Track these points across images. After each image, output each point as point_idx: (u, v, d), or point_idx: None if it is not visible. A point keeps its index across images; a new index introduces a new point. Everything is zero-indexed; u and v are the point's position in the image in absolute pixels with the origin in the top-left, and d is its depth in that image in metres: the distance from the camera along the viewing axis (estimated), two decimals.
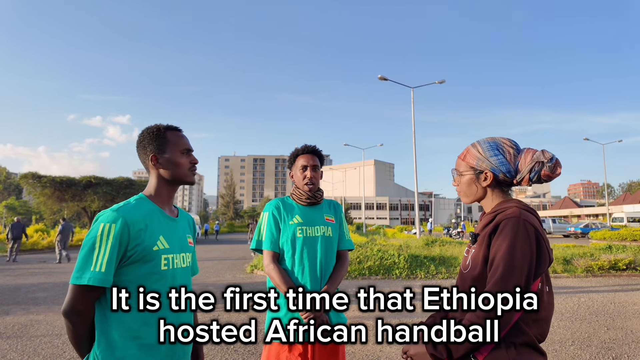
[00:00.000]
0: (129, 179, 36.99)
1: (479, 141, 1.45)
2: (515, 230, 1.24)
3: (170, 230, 1.47)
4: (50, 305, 6.74)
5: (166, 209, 1.51)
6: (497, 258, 1.24)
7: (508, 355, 1.21)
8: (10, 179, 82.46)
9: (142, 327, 1.34)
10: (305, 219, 2.11)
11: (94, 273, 1.27)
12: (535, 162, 1.33)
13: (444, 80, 22.26)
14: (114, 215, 1.32)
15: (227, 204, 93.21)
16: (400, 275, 9.85)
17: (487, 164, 1.39)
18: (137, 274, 1.35)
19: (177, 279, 1.45)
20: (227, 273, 10.92)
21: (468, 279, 1.33)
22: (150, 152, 1.48)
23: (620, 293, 7.71)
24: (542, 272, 1.26)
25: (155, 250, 1.37)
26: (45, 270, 11.67)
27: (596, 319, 5.67)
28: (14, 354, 4.32)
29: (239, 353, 4.31)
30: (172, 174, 1.48)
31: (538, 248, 1.24)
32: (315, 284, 2.04)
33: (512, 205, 1.33)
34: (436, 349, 1.26)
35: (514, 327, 1.23)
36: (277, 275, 2.01)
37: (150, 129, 1.51)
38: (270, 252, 2.07)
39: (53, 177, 32.84)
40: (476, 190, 1.43)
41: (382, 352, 4.30)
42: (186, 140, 1.53)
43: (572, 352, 4.32)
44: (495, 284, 1.21)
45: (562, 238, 30.33)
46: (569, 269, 10.22)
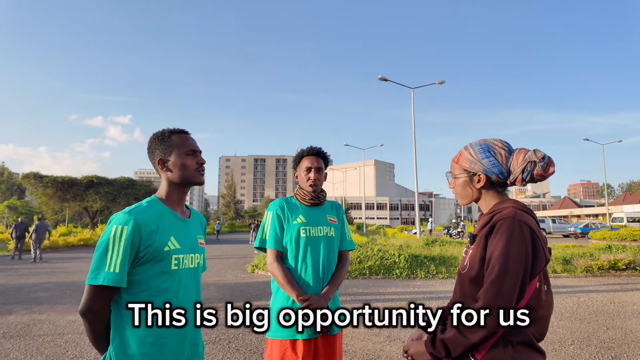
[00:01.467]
0: (130, 179, 37.04)
1: (471, 144, 1.47)
2: (511, 230, 1.25)
3: (182, 231, 1.50)
4: (53, 305, 6.76)
5: (177, 210, 1.54)
6: (493, 258, 1.25)
7: (506, 354, 1.22)
8: (12, 179, 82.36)
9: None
10: (309, 219, 2.15)
11: (108, 274, 1.31)
12: (527, 162, 1.34)
13: (444, 80, 22.28)
14: (126, 218, 1.36)
15: (227, 204, 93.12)
16: (400, 275, 9.86)
17: (479, 166, 1.41)
18: (148, 274, 1.39)
19: (185, 279, 1.48)
20: (229, 273, 10.94)
21: (466, 279, 1.35)
22: (157, 157, 1.52)
23: (620, 293, 7.72)
24: (539, 272, 1.27)
25: (166, 251, 1.41)
26: (47, 270, 11.69)
27: (596, 319, 5.69)
28: (17, 353, 4.34)
29: (241, 352, 4.33)
30: (179, 176, 1.51)
31: (534, 248, 1.25)
32: (318, 284, 2.08)
33: (508, 205, 1.34)
34: (435, 347, 1.28)
35: (513, 326, 1.23)
36: (280, 274, 2.04)
37: (156, 134, 1.54)
38: (274, 250, 2.11)
39: (55, 177, 32.88)
40: (471, 193, 1.45)
41: (382, 352, 4.32)
42: (192, 142, 1.55)
43: (571, 351, 4.34)
44: (491, 284, 1.22)
45: (562, 238, 30.30)
46: (569, 268, 10.23)
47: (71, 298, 7.37)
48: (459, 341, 1.23)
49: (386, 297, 7.47)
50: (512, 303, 1.20)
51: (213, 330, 5.09)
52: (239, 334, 4.96)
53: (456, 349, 1.24)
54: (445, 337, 1.26)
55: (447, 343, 1.25)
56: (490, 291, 1.22)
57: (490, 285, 1.22)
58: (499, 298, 1.20)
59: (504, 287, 1.20)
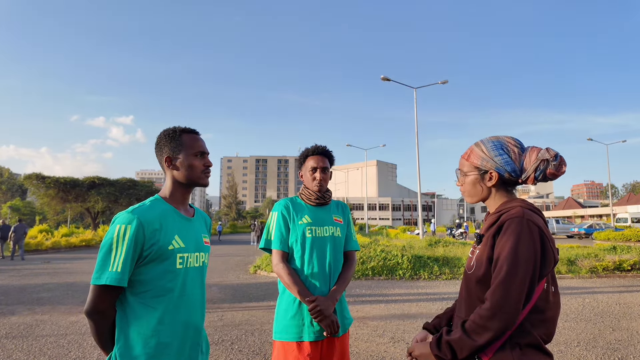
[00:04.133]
0: (132, 179, 37.15)
1: (483, 140, 1.43)
2: (519, 230, 1.22)
3: (186, 230, 1.49)
4: (55, 305, 6.76)
5: (181, 209, 1.53)
6: (500, 258, 1.22)
7: (513, 356, 1.20)
8: (13, 179, 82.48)
9: (158, 325, 1.37)
10: (315, 219, 2.12)
11: (112, 273, 1.31)
12: (540, 161, 1.31)
13: (447, 80, 22.25)
14: (130, 217, 1.36)
15: (229, 205, 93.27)
16: (403, 276, 9.83)
17: (492, 163, 1.37)
18: (153, 273, 1.38)
19: (191, 278, 1.47)
20: (231, 273, 10.93)
21: (473, 279, 1.32)
22: (165, 154, 1.51)
23: (626, 294, 7.66)
24: (547, 273, 1.24)
25: (170, 250, 1.40)
26: (50, 271, 11.72)
27: (601, 320, 5.65)
28: (19, 353, 4.33)
29: (244, 353, 4.31)
30: (185, 176, 1.50)
31: (543, 248, 1.23)
32: (324, 284, 2.05)
33: (516, 205, 1.32)
34: (440, 349, 1.25)
35: (519, 328, 1.22)
36: (286, 275, 2.01)
37: (167, 131, 1.53)
38: (280, 251, 2.08)
39: (57, 177, 32.95)
40: (481, 191, 1.42)
41: (386, 353, 4.29)
42: (201, 143, 1.54)
43: (577, 353, 4.30)
44: (498, 285, 1.20)
45: (566, 239, 30.16)
46: (573, 269, 10.17)
47: (73, 299, 7.37)
48: (465, 343, 1.21)
49: (389, 298, 7.43)
50: (519, 304, 1.18)
51: (216, 332, 5.08)
52: (242, 335, 4.95)
53: (462, 351, 1.22)
54: (452, 339, 1.24)
55: (453, 345, 1.23)
56: (498, 292, 1.19)
57: (498, 286, 1.20)
58: (507, 299, 1.18)
59: (512, 288, 1.18)
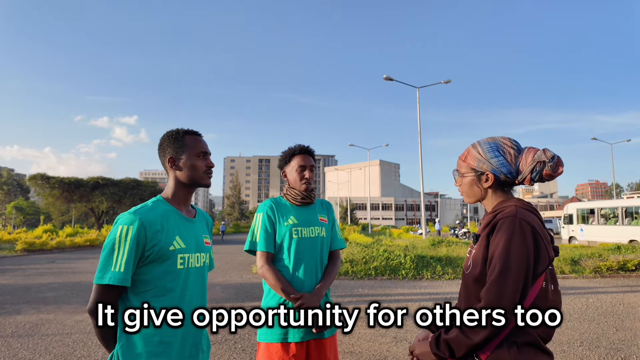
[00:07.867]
0: (136, 179, 37.31)
1: (479, 142, 1.44)
2: (511, 229, 1.24)
3: (187, 231, 1.51)
4: (60, 305, 6.81)
5: (183, 210, 1.55)
6: (494, 257, 1.24)
7: (510, 355, 1.21)
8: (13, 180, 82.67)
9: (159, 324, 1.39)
10: (300, 220, 2.11)
11: (114, 273, 1.34)
12: (536, 162, 1.32)
13: (450, 80, 22.15)
14: (131, 218, 1.38)
15: (232, 205, 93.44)
16: (406, 275, 9.82)
17: (487, 165, 1.38)
18: (154, 273, 1.40)
19: (192, 278, 1.49)
20: (234, 273, 10.97)
21: (470, 279, 1.34)
22: (168, 155, 1.54)
23: (630, 294, 7.63)
24: (543, 271, 1.25)
25: (171, 250, 1.43)
26: (54, 270, 11.79)
27: (605, 320, 5.63)
28: (25, 352, 4.38)
29: (247, 352, 4.33)
30: (187, 177, 1.53)
31: (536, 246, 1.23)
32: (311, 285, 2.04)
33: (510, 204, 1.33)
34: (439, 348, 1.27)
35: (517, 327, 1.23)
36: (272, 277, 2.00)
37: (170, 132, 1.56)
38: (265, 253, 2.06)
39: (61, 178, 33.15)
40: (478, 191, 1.43)
41: (389, 352, 4.30)
42: (204, 144, 1.57)
43: (580, 352, 4.30)
44: (492, 284, 1.21)
45: None
46: (577, 269, 10.13)
47: (78, 298, 7.42)
48: (461, 341, 1.23)
49: (392, 297, 7.44)
50: (514, 302, 1.19)
51: (219, 331, 5.10)
52: (245, 334, 4.96)
53: (459, 349, 1.23)
54: (449, 338, 1.25)
55: (451, 343, 1.24)
56: (491, 291, 1.21)
57: (491, 285, 1.22)
58: (500, 297, 1.19)
59: (505, 287, 1.19)
